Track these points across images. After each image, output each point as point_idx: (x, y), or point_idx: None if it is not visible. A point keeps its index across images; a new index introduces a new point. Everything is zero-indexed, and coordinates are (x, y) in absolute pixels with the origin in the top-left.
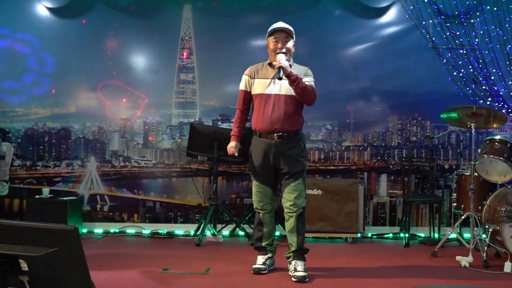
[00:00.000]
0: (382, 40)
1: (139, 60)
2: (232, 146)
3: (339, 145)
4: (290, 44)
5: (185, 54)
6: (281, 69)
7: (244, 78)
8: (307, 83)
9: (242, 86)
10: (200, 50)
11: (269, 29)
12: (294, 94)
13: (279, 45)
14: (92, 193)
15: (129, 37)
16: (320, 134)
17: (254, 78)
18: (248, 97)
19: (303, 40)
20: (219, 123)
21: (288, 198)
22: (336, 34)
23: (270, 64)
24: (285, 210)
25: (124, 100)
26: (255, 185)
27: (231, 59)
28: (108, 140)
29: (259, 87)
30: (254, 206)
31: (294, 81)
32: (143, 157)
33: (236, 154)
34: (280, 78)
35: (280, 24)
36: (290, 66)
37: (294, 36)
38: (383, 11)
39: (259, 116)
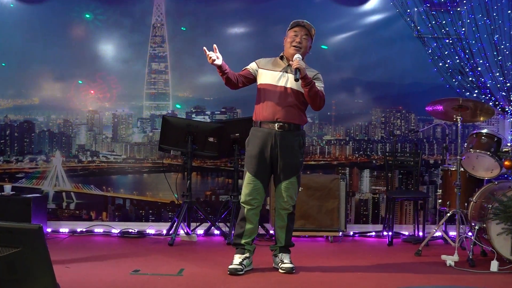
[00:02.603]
0: (365, 28)
1: (108, 49)
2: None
3: (320, 139)
4: (308, 42)
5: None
6: (298, 70)
7: (253, 63)
8: (318, 88)
9: (247, 66)
10: (173, 38)
11: (292, 22)
12: (301, 90)
13: (297, 39)
14: (58, 190)
15: (98, 23)
16: None
17: (262, 69)
18: (247, 75)
19: (282, 28)
20: (193, 115)
21: (282, 194)
22: (316, 22)
23: (282, 57)
24: (277, 206)
25: (92, 91)
26: (247, 177)
27: (206, 48)
28: (75, 134)
29: (266, 77)
30: (241, 200)
31: (308, 83)
32: (112, 152)
33: (212, 56)
34: (296, 80)
35: (304, 21)
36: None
37: (313, 38)
38: None
39: (262, 105)
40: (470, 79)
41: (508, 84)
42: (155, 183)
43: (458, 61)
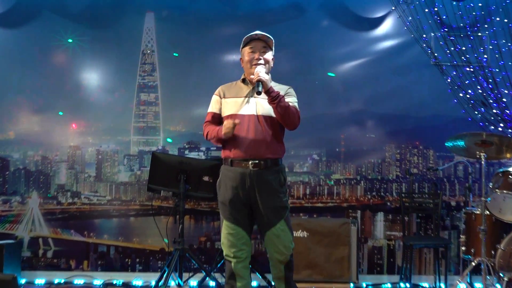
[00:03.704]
0: (377, 55)
1: (93, 77)
2: (227, 122)
3: (327, 178)
4: (269, 56)
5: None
6: (260, 83)
7: (214, 98)
8: (289, 103)
9: (210, 108)
10: (164, 66)
11: (245, 38)
12: (273, 115)
13: (256, 56)
14: (34, 236)
15: (81, 50)
16: (306, 166)
17: (225, 98)
18: (217, 118)
19: (285, 55)
20: (186, 152)
21: (274, 244)
22: (323, 48)
23: (244, 81)
24: (271, 258)
25: (74, 125)
26: (225, 226)
27: (200, 77)
28: (54, 172)
29: (230, 107)
30: (224, 253)
31: (275, 98)
32: (96, 192)
33: (237, 122)
34: (259, 93)
35: (258, 32)
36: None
37: (273, 47)
38: (378, 22)
39: (231, 140)
40: (494, 111)
41: None
42: (143, 227)
43: (480, 91)
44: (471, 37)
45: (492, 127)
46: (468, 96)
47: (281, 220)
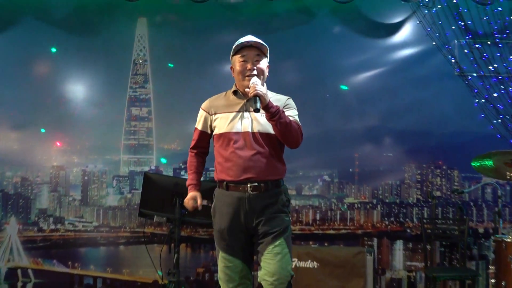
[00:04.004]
0: (395, 65)
1: (79, 90)
2: (191, 198)
3: (340, 202)
4: (264, 64)
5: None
6: (258, 98)
7: (201, 114)
8: (290, 118)
9: (198, 124)
10: (158, 77)
11: (235, 45)
12: (271, 131)
13: (249, 66)
14: (12, 266)
15: (66, 59)
16: (316, 188)
17: (215, 114)
18: (206, 138)
19: (293, 65)
20: (182, 172)
21: (267, 268)
22: (335, 57)
23: (236, 92)
24: (264, 285)
25: (58, 142)
26: (221, 258)
27: (198, 89)
28: (35, 195)
29: (222, 124)
30: None
31: (274, 114)
32: (81, 218)
33: (199, 208)
34: (257, 110)
35: (250, 38)
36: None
37: (268, 54)
38: (396, 28)
39: (225, 161)
40: None
41: None
42: (134, 257)
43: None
44: (500, 45)
45: None
46: (496, 110)
47: (281, 238)
